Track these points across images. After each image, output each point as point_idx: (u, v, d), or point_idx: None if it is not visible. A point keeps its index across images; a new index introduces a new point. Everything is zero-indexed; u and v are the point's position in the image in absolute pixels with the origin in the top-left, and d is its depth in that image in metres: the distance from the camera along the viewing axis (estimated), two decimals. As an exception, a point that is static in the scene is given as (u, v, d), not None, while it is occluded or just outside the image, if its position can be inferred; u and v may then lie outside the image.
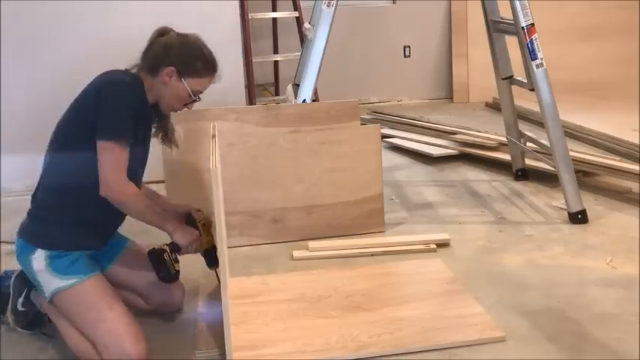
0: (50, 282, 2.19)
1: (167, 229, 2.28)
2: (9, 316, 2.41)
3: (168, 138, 2.46)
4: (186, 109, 2.40)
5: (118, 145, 2.13)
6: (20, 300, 2.38)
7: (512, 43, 3.55)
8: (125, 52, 4.08)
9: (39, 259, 2.20)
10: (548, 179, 3.84)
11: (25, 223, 2.29)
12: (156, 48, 2.30)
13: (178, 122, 3.02)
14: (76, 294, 2.18)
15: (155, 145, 2.47)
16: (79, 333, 2.20)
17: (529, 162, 3.97)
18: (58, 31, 3.86)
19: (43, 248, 2.20)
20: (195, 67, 2.29)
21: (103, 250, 2.38)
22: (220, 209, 1.96)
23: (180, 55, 2.28)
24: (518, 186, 3.90)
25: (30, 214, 2.30)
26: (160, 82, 2.29)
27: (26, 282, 2.37)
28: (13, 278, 2.42)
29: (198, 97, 2.36)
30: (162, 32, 2.33)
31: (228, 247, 3.11)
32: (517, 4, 3.28)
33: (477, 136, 4.51)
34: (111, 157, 2.13)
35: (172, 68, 2.27)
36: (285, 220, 3.19)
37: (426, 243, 3.08)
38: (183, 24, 2.37)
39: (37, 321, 2.40)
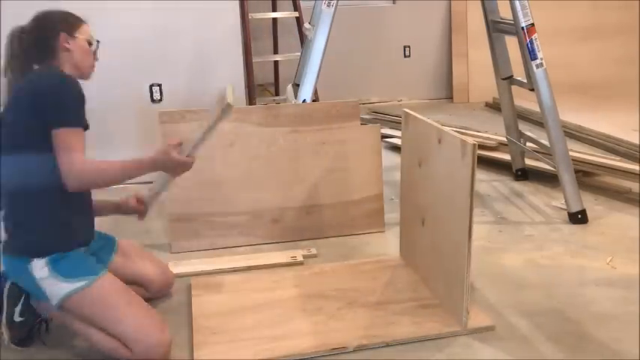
0: (58, 287, 2.12)
1: (150, 165, 2.17)
2: (4, 332, 2.25)
3: None
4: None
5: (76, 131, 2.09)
6: (18, 309, 2.24)
7: (512, 43, 3.55)
8: (125, 52, 4.06)
9: (39, 266, 2.13)
10: (548, 179, 3.84)
11: (8, 240, 2.19)
12: (33, 36, 2.22)
13: (179, 122, 3.03)
14: (92, 295, 2.13)
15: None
16: (100, 332, 2.15)
17: (529, 162, 3.97)
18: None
19: (39, 257, 2.13)
20: (72, 21, 2.25)
21: (98, 246, 2.38)
22: None
23: (54, 22, 2.23)
24: (518, 186, 3.90)
25: (7, 229, 2.19)
26: (65, 54, 2.22)
27: (22, 288, 2.26)
28: (7, 287, 2.25)
29: (97, 41, 2.32)
30: (16, 31, 2.25)
31: (228, 247, 3.12)
32: (517, 4, 3.29)
33: (477, 136, 4.50)
34: (69, 144, 2.07)
35: (63, 33, 2.21)
36: (285, 220, 3.19)
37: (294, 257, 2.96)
38: (183, 24, 2.34)
39: (34, 333, 2.29)
